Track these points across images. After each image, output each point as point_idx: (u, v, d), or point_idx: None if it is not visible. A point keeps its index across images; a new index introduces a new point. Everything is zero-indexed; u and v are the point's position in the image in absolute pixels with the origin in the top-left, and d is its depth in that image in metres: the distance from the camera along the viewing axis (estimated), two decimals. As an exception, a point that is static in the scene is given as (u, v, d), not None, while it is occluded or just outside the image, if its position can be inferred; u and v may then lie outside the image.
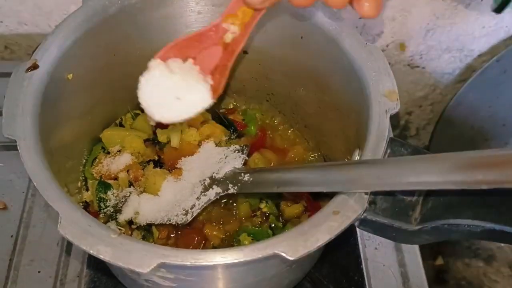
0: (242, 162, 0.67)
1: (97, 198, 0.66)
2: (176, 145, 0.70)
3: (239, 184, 0.62)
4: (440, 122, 1.08)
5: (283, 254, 0.45)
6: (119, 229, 0.62)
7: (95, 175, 0.68)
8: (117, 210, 0.66)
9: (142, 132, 0.72)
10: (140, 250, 0.45)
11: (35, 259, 0.71)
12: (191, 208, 0.64)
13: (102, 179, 0.68)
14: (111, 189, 0.67)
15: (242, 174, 0.63)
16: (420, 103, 1.10)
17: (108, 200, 0.66)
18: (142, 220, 0.64)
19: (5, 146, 0.80)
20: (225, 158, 0.68)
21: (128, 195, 0.66)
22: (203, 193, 0.65)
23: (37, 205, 0.76)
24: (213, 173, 0.66)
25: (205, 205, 0.64)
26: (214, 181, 0.65)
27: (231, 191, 0.62)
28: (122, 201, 0.66)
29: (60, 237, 0.73)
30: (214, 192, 0.64)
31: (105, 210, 0.66)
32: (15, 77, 0.55)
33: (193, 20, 0.69)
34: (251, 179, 0.61)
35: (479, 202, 0.49)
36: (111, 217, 0.66)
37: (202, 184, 0.66)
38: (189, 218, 0.64)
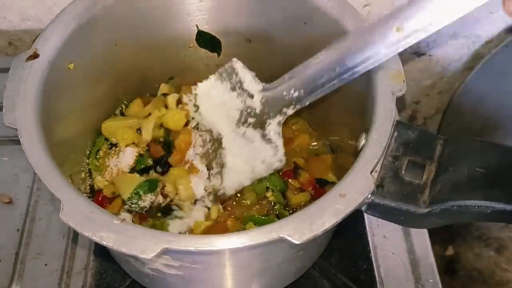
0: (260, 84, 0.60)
1: (134, 192, 0.65)
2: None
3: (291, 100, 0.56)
4: (448, 111, 1.06)
5: (289, 238, 0.44)
6: (122, 216, 0.62)
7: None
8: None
9: (137, 119, 0.71)
10: (143, 236, 0.44)
11: (42, 252, 0.71)
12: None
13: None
14: (153, 192, 0.66)
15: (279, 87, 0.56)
16: (428, 92, 1.09)
17: (142, 201, 0.65)
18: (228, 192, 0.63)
19: (10, 140, 0.80)
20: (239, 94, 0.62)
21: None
22: (264, 135, 0.60)
23: (43, 198, 0.76)
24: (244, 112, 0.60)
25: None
26: (258, 116, 0.60)
27: (290, 111, 0.57)
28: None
29: (66, 230, 0.73)
30: (276, 121, 0.59)
31: (132, 207, 0.65)
32: (16, 66, 0.55)
33: (194, 8, 0.68)
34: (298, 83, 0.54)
35: (489, 182, 0.48)
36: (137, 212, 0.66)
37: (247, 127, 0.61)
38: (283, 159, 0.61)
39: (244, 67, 0.62)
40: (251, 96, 0.61)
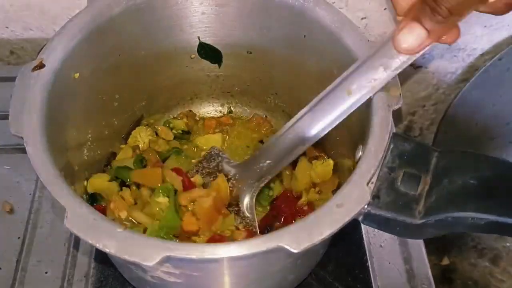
0: None
1: None
2: None
3: None
4: (444, 122, 1.08)
5: (287, 247, 0.45)
6: (124, 224, 0.63)
7: None
8: None
9: None
10: (145, 244, 0.45)
11: (42, 260, 0.72)
12: None
13: None
14: None
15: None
16: (423, 103, 1.11)
17: None
18: None
19: (12, 149, 0.81)
20: None
21: None
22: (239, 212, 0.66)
23: (44, 206, 0.77)
24: None
25: None
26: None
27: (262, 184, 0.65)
28: None
29: (67, 238, 0.74)
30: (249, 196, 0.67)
31: None
32: (22, 76, 0.56)
33: (197, 20, 0.69)
34: None
35: (482, 194, 0.49)
36: None
37: None
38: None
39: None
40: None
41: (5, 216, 0.76)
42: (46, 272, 0.71)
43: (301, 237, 0.46)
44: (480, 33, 0.95)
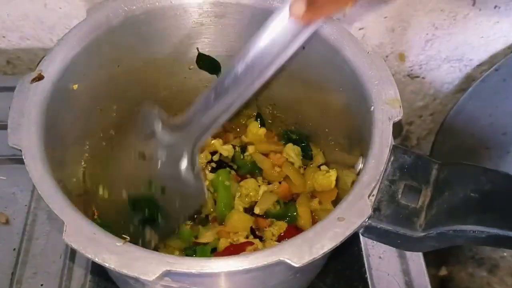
0: None
1: None
2: None
3: None
4: (441, 132, 1.08)
5: (289, 261, 0.45)
6: (124, 237, 0.62)
7: None
8: None
9: None
10: (145, 258, 0.45)
11: (38, 272, 0.71)
12: None
13: None
14: None
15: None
16: (421, 113, 1.11)
17: None
18: None
19: (8, 159, 0.80)
20: None
21: None
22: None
23: (40, 218, 0.76)
24: None
25: None
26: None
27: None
28: None
29: (63, 250, 0.73)
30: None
31: None
32: (20, 88, 0.56)
33: (196, 31, 0.69)
34: None
35: (483, 207, 0.49)
36: None
37: None
38: None
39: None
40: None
41: (1, 227, 0.75)
42: (41, 285, 0.70)
43: (302, 251, 0.46)
44: (477, 44, 0.96)
